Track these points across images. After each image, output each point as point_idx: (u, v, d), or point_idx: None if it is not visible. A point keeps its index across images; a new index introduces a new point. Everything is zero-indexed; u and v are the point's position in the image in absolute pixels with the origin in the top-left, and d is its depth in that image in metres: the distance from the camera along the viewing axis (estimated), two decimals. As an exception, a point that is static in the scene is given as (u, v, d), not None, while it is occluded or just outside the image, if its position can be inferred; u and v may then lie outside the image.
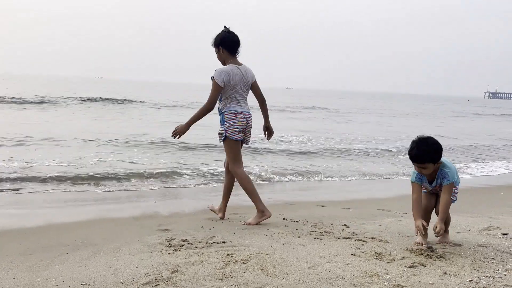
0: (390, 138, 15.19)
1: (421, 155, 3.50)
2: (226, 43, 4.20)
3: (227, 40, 4.19)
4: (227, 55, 4.24)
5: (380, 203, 6.04)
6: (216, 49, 4.28)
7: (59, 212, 5.21)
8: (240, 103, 4.26)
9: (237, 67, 4.23)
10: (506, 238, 3.90)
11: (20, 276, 2.97)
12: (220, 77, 4.12)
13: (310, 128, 17.71)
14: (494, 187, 7.96)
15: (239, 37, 4.22)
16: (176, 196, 6.24)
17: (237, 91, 4.22)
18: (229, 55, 4.24)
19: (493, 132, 20.49)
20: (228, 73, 4.15)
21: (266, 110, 4.52)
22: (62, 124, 14.85)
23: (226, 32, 4.21)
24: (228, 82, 4.14)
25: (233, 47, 4.22)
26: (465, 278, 2.87)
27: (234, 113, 4.22)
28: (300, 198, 6.46)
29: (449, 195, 3.53)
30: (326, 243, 3.64)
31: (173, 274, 2.90)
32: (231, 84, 4.16)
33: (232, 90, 4.20)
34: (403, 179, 8.23)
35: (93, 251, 3.52)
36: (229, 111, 4.22)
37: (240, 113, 4.24)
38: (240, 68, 4.24)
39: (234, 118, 4.21)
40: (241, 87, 4.23)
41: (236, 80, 4.18)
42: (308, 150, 11.17)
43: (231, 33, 4.21)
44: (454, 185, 3.57)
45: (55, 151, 9.11)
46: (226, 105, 4.23)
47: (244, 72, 4.25)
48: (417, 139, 3.55)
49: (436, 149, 3.51)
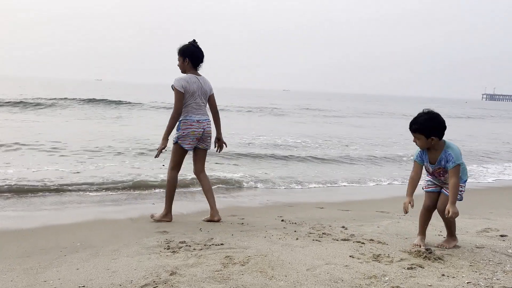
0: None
1: (414, 123, 3.49)
2: (194, 56, 4.52)
3: (195, 54, 4.52)
4: (190, 66, 4.54)
5: (378, 205, 6.05)
6: (181, 58, 4.55)
7: (57, 214, 5.20)
8: (198, 111, 4.51)
9: (196, 77, 4.52)
10: (504, 240, 3.91)
11: (17, 278, 2.97)
12: (179, 83, 4.42)
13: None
14: (492, 189, 7.98)
15: (203, 52, 4.61)
16: (175, 199, 6.23)
17: (195, 99, 4.48)
18: (192, 67, 4.54)
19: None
20: (187, 81, 4.45)
21: (219, 123, 4.79)
22: (58, 128, 14.79)
23: (195, 46, 4.54)
24: (187, 88, 4.43)
25: (198, 61, 4.56)
26: (463, 280, 2.88)
27: (190, 123, 4.47)
28: (299, 200, 6.45)
29: (456, 177, 3.43)
30: (325, 245, 3.64)
31: (171, 277, 2.90)
32: (189, 91, 4.44)
33: (191, 98, 4.46)
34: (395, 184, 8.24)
35: (91, 253, 3.52)
36: (185, 120, 4.48)
37: (197, 122, 4.49)
38: (198, 78, 4.53)
39: (189, 127, 4.47)
40: (199, 96, 4.50)
41: (194, 88, 4.46)
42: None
43: (199, 48, 4.56)
44: (460, 167, 3.45)
45: (52, 157, 9.02)
46: (184, 113, 4.50)
47: (202, 82, 4.54)
48: (424, 110, 3.53)
49: (433, 124, 3.44)
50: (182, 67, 4.57)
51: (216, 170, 8.09)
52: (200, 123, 4.50)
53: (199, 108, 4.51)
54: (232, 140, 11.90)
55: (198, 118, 4.49)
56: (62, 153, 9.20)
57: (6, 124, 14.84)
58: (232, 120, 20.43)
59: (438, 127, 3.46)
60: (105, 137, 12.17)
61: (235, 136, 13.66)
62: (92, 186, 6.49)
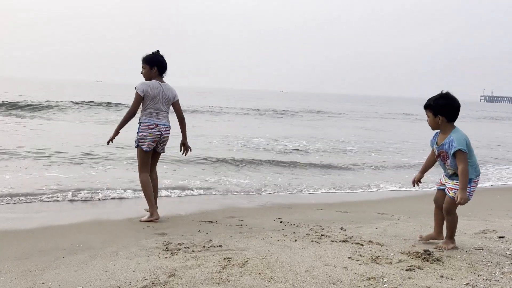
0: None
1: (428, 100, 3.59)
2: (161, 65, 4.80)
3: (162, 64, 4.81)
4: (157, 74, 4.79)
5: (377, 206, 6.05)
6: (148, 67, 4.78)
7: (55, 215, 5.19)
8: (158, 116, 4.73)
9: (160, 83, 4.76)
10: (503, 241, 3.92)
11: (16, 280, 2.96)
12: (141, 87, 4.66)
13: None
14: (491, 190, 7.99)
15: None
16: (173, 200, 6.23)
17: (155, 103, 4.69)
18: (158, 75, 4.80)
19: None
20: (149, 86, 4.68)
21: (185, 129, 5.01)
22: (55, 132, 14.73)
23: (161, 56, 4.82)
24: (147, 93, 4.65)
25: (163, 70, 4.84)
26: (461, 281, 2.88)
27: (148, 125, 4.68)
28: (297, 202, 6.46)
29: (463, 163, 3.40)
30: (323, 247, 3.64)
31: (170, 278, 2.90)
32: (150, 96, 4.66)
33: (151, 102, 4.68)
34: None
35: (90, 255, 3.51)
36: (144, 122, 4.70)
37: (155, 125, 4.70)
38: (162, 85, 4.76)
39: (147, 130, 4.68)
40: (160, 101, 4.72)
41: (155, 93, 4.68)
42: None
43: (164, 58, 4.84)
44: (465, 154, 3.42)
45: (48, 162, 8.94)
46: (143, 116, 4.73)
47: (165, 89, 4.77)
48: (442, 91, 3.60)
49: (442, 103, 3.48)
50: (148, 75, 4.79)
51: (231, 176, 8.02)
52: (159, 127, 4.72)
53: (159, 113, 4.73)
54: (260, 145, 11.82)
55: (157, 122, 4.71)
56: (59, 159, 9.17)
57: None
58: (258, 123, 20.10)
59: (447, 108, 3.47)
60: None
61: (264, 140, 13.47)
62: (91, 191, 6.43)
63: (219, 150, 11.18)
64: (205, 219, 4.94)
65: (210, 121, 21.82)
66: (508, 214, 5.48)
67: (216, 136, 14.41)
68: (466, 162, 3.43)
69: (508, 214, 5.48)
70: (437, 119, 3.51)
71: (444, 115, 3.49)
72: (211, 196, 6.57)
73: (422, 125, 26.01)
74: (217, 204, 6.04)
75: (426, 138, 4.31)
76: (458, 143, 3.42)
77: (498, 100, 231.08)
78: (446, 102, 3.49)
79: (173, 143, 5.57)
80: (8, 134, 12.64)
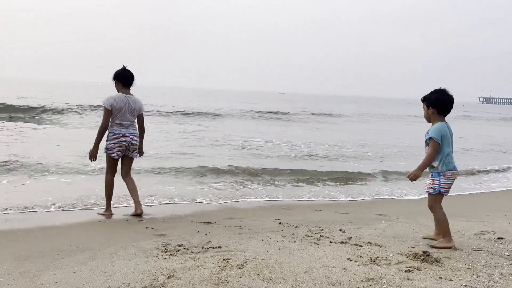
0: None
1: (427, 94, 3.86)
2: (124, 79, 5.11)
3: (125, 78, 5.11)
4: (121, 87, 5.12)
5: (376, 207, 6.05)
6: (115, 82, 5.15)
7: (54, 216, 5.18)
8: (124, 126, 5.05)
9: (125, 96, 5.07)
10: (501, 243, 3.92)
11: (14, 282, 2.96)
12: (107, 102, 4.98)
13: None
14: (489, 192, 8.00)
15: (133, 74, 5.15)
16: (173, 201, 6.22)
17: (122, 115, 5.02)
18: (122, 87, 5.12)
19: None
20: (114, 99, 5.00)
21: (142, 137, 5.35)
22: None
23: (126, 71, 5.13)
24: (114, 106, 4.98)
25: (126, 82, 5.12)
26: (460, 283, 2.88)
27: (116, 135, 5.02)
28: (296, 203, 6.46)
29: (431, 149, 3.66)
30: (322, 248, 3.64)
31: (169, 279, 2.89)
32: (116, 108, 4.98)
33: (118, 113, 5.00)
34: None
35: (89, 256, 3.51)
36: (112, 133, 5.04)
37: (122, 135, 5.04)
38: (127, 97, 5.08)
39: (114, 139, 5.03)
40: (126, 112, 5.04)
41: (121, 105, 5.00)
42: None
43: (127, 71, 5.13)
44: (436, 143, 3.64)
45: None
46: (111, 127, 5.05)
47: (131, 101, 5.09)
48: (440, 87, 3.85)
49: (435, 97, 3.76)
50: (117, 88, 5.18)
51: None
52: (126, 136, 5.06)
53: (126, 123, 5.06)
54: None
55: (124, 132, 5.05)
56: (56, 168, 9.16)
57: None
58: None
59: (439, 101, 3.73)
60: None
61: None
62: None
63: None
64: (204, 220, 4.94)
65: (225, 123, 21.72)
66: (507, 215, 5.49)
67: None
68: (434, 150, 3.66)
69: (507, 215, 5.49)
70: (430, 110, 3.77)
71: (435, 107, 3.74)
72: (210, 196, 6.57)
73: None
74: (216, 205, 6.04)
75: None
76: (432, 132, 3.68)
77: (496, 102, 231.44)
78: (439, 96, 3.75)
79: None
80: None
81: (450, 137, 3.72)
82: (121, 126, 5.03)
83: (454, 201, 6.92)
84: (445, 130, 3.68)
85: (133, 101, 5.11)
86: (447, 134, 3.69)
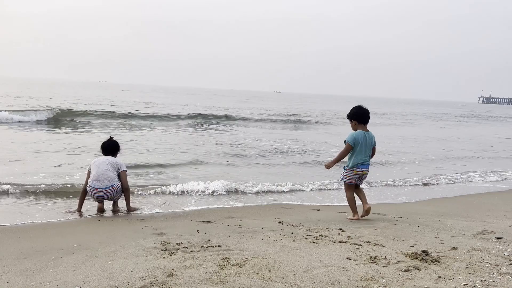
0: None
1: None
2: (104, 148, 5.58)
3: (104, 147, 5.59)
4: (102, 153, 5.58)
5: (375, 207, 6.04)
6: (101, 151, 5.60)
7: (53, 215, 5.18)
8: (97, 182, 5.25)
9: (105, 157, 5.43)
10: (501, 242, 3.92)
11: (14, 280, 2.95)
12: (89, 165, 5.38)
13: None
14: (489, 192, 8.00)
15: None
16: (172, 201, 6.23)
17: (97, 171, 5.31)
18: (103, 154, 5.56)
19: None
20: (94, 162, 5.35)
21: (128, 199, 5.49)
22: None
23: (108, 141, 5.64)
24: (91, 167, 5.36)
25: (107, 151, 5.55)
26: (460, 282, 2.89)
27: (90, 190, 5.26)
28: (296, 202, 6.46)
29: (343, 149, 4.85)
30: (322, 247, 3.65)
31: (168, 278, 2.90)
32: (95, 166, 5.34)
33: (94, 170, 5.31)
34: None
35: (88, 254, 3.51)
36: (89, 185, 5.28)
37: (95, 189, 5.25)
38: (107, 158, 5.41)
39: (90, 193, 5.29)
40: (103, 167, 5.33)
41: (98, 164, 5.33)
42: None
43: (110, 142, 5.60)
44: (346, 143, 4.82)
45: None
46: (89, 182, 5.30)
47: (110, 160, 5.38)
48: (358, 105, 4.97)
49: (353, 111, 4.87)
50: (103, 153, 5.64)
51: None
52: (98, 190, 5.26)
53: (99, 180, 5.25)
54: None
55: (98, 186, 5.26)
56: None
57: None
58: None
59: (356, 114, 4.86)
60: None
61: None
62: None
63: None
64: (204, 219, 4.94)
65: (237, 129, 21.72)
66: (506, 215, 5.49)
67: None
68: (345, 150, 4.83)
69: (506, 215, 5.49)
70: (353, 122, 4.90)
71: (356, 119, 4.89)
72: (211, 196, 6.57)
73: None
74: (217, 205, 6.04)
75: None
76: (348, 137, 4.85)
77: (496, 101, 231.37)
78: (356, 111, 4.88)
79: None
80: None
81: (364, 143, 4.79)
82: (95, 180, 5.27)
83: (454, 201, 6.94)
84: (358, 137, 4.79)
85: (111, 160, 5.42)
86: (360, 140, 4.78)
